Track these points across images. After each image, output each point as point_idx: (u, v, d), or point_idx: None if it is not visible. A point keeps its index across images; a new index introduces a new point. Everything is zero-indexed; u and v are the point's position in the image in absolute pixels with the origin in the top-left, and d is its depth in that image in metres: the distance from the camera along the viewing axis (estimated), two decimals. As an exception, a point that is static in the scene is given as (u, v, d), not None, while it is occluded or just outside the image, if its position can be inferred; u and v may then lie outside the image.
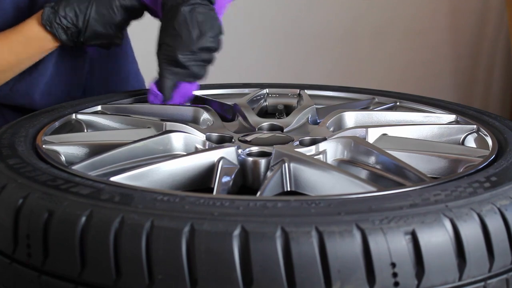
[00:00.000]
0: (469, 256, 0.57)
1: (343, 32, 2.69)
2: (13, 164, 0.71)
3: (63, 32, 1.05)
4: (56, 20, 1.04)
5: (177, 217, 0.56)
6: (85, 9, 1.05)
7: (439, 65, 2.91)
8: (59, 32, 1.05)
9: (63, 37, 1.06)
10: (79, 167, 0.73)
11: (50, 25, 1.05)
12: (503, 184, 0.64)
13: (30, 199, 0.62)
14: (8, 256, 0.62)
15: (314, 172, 0.72)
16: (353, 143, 0.81)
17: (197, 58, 0.99)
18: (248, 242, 0.54)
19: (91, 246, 0.57)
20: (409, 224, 0.56)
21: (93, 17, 1.05)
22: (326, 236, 0.54)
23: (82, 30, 1.06)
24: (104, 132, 0.94)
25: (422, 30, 2.83)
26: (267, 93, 1.15)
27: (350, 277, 0.54)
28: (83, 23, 1.05)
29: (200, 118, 0.96)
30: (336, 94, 1.14)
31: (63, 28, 1.05)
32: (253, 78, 1.43)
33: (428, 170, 0.78)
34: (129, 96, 1.09)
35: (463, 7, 2.87)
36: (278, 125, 0.93)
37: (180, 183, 0.75)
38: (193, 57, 0.98)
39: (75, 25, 1.05)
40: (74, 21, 1.05)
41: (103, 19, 1.06)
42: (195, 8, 0.98)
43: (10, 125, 0.88)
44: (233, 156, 0.78)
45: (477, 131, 0.88)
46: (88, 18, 1.05)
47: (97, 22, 1.06)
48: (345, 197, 0.60)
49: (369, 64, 2.79)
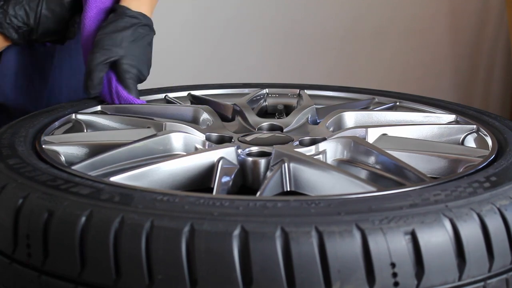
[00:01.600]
0: (469, 256, 0.57)
1: (343, 32, 2.69)
2: (13, 164, 0.71)
3: (14, 31, 1.04)
4: (6, 20, 1.02)
5: (177, 217, 0.56)
6: (36, 6, 1.03)
7: (439, 65, 2.91)
8: (10, 32, 1.04)
9: (14, 36, 1.04)
10: (79, 167, 0.73)
11: (0, 25, 1.03)
12: (503, 184, 0.64)
13: (30, 199, 0.62)
14: (8, 256, 0.62)
15: (314, 172, 0.72)
16: (353, 143, 0.81)
17: None
18: (248, 242, 0.54)
19: (91, 246, 0.57)
20: (409, 224, 0.56)
21: (44, 15, 1.03)
22: (326, 236, 0.54)
23: (34, 28, 1.04)
24: (104, 132, 0.94)
25: (422, 30, 2.82)
26: (267, 93, 1.15)
27: (350, 277, 0.54)
28: (34, 21, 1.03)
29: (200, 118, 0.96)
30: (336, 94, 1.14)
31: (13, 28, 1.03)
32: (253, 78, 1.43)
33: (428, 170, 0.78)
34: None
35: (463, 7, 2.87)
36: (278, 125, 0.93)
37: (180, 183, 0.75)
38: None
39: (26, 24, 1.03)
40: (25, 20, 1.03)
41: (55, 16, 1.04)
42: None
43: (10, 125, 0.88)
44: (233, 156, 0.78)
45: (477, 131, 0.88)
46: (39, 16, 1.03)
47: (48, 19, 1.04)
48: (345, 197, 0.60)
49: (369, 64, 2.78)
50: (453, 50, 2.92)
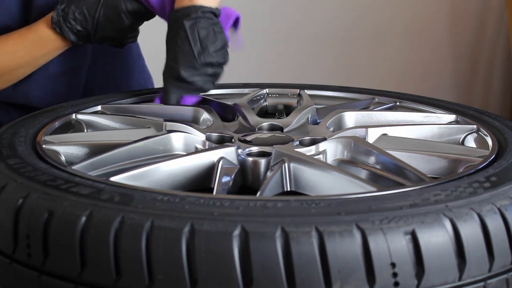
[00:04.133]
0: (469, 256, 0.57)
1: (343, 32, 2.69)
2: (13, 164, 0.71)
3: (73, 34, 1.06)
4: (66, 24, 1.05)
5: (177, 217, 0.56)
6: (94, 12, 1.05)
7: (439, 65, 2.91)
8: (69, 35, 1.06)
9: (73, 39, 1.07)
10: (79, 167, 0.73)
11: (60, 28, 1.05)
12: (503, 184, 0.64)
13: (30, 199, 0.62)
14: (8, 256, 0.62)
15: (314, 172, 0.72)
16: (353, 143, 0.81)
17: (201, 73, 0.98)
18: (248, 242, 0.54)
19: (91, 246, 0.57)
20: (409, 224, 0.56)
21: (102, 22, 1.05)
22: (326, 236, 0.54)
23: (91, 33, 1.06)
24: (104, 132, 0.94)
25: (422, 30, 2.83)
26: (267, 93, 1.15)
27: (350, 277, 0.54)
28: (92, 26, 1.05)
29: (200, 118, 0.96)
30: (336, 94, 1.14)
31: (72, 31, 1.06)
32: (253, 78, 1.43)
33: (428, 170, 0.78)
34: (129, 96, 1.09)
35: (463, 7, 2.87)
36: (278, 125, 0.93)
37: (180, 183, 0.75)
38: (196, 72, 0.98)
39: (85, 28, 1.06)
40: (84, 25, 1.05)
41: (112, 24, 1.06)
42: (196, 22, 0.98)
43: (10, 125, 0.88)
44: (233, 156, 0.78)
45: (477, 131, 0.88)
46: (97, 22, 1.05)
47: (106, 26, 1.06)
48: (345, 197, 0.60)
49: (369, 64, 2.78)
50: (453, 50, 2.92)
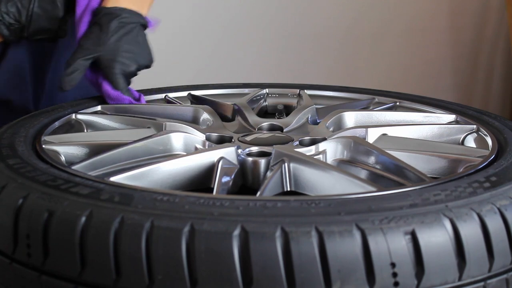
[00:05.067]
0: (469, 256, 0.57)
1: (343, 32, 2.69)
2: (13, 164, 0.71)
3: (5, 28, 1.04)
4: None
5: (177, 217, 0.56)
6: (28, 4, 1.03)
7: (439, 65, 2.91)
8: (1, 28, 1.04)
9: (5, 32, 1.05)
10: (79, 167, 0.73)
11: None
12: (503, 184, 0.64)
13: (30, 199, 0.62)
14: (8, 256, 0.62)
15: (314, 172, 0.72)
16: (353, 143, 0.81)
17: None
18: (248, 242, 0.54)
19: (91, 246, 0.57)
20: (409, 224, 0.56)
21: (36, 12, 1.04)
22: (326, 236, 0.54)
23: (25, 26, 1.04)
24: (104, 132, 0.94)
25: (422, 30, 2.82)
26: (267, 93, 1.15)
27: (350, 277, 0.54)
28: (26, 18, 1.03)
29: (200, 118, 0.96)
30: (336, 94, 1.14)
31: (5, 24, 1.04)
32: (253, 78, 1.43)
33: (428, 170, 0.78)
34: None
35: (463, 7, 2.87)
36: (278, 125, 0.93)
37: (180, 183, 0.75)
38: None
39: (17, 21, 1.04)
40: (17, 17, 1.03)
41: (46, 14, 1.05)
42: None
43: (10, 125, 0.88)
44: (233, 156, 0.78)
45: (477, 131, 0.88)
46: (31, 14, 1.03)
47: (40, 17, 1.04)
48: (345, 197, 0.60)
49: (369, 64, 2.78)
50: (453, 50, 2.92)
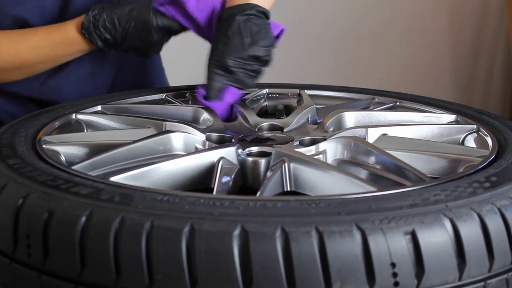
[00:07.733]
0: (469, 256, 0.57)
1: (343, 32, 2.69)
2: (13, 164, 0.71)
3: (101, 41, 1.08)
4: (95, 30, 1.07)
5: (177, 217, 0.56)
6: (125, 23, 1.06)
7: (439, 65, 2.91)
8: (96, 41, 1.08)
9: (100, 45, 1.09)
10: (79, 167, 0.73)
11: (89, 34, 1.07)
12: (503, 184, 0.64)
13: (30, 199, 0.62)
14: (8, 256, 0.62)
15: (314, 172, 0.72)
16: (353, 143, 0.81)
17: (246, 65, 0.99)
18: (248, 242, 0.54)
19: (91, 246, 0.57)
20: (409, 224, 0.56)
21: (131, 33, 1.07)
22: (326, 236, 0.54)
23: (119, 42, 1.08)
24: (104, 132, 0.94)
25: (422, 30, 2.83)
26: (267, 93, 1.15)
27: (350, 277, 0.54)
28: (121, 36, 1.07)
29: (200, 118, 0.96)
30: (336, 94, 1.14)
31: (101, 38, 1.08)
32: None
33: (428, 170, 0.78)
34: (129, 96, 1.09)
35: (463, 7, 2.87)
36: (278, 125, 0.93)
37: (180, 183, 0.75)
38: (242, 63, 0.99)
39: (113, 37, 1.08)
40: (113, 33, 1.07)
41: (141, 36, 1.08)
42: (250, 18, 1.00)
43: (10, 125, 0.88)
44: (233, 156, 0.78)
45: (477, 131, 0.88)
46: (126, 33, 1.07)
47: (134, 37, 1.08)
48: (345, 197, 0.60)
49: (369, 64, 2.79)
50: (453, 50, 2.92)
